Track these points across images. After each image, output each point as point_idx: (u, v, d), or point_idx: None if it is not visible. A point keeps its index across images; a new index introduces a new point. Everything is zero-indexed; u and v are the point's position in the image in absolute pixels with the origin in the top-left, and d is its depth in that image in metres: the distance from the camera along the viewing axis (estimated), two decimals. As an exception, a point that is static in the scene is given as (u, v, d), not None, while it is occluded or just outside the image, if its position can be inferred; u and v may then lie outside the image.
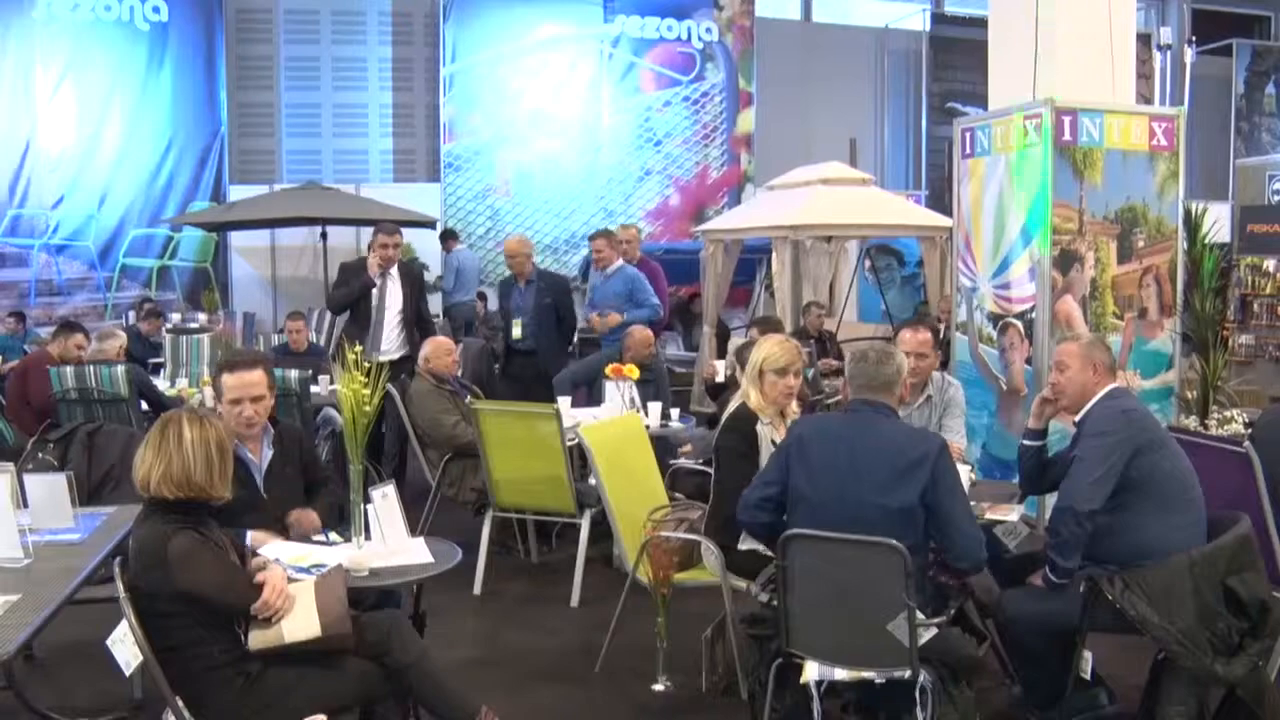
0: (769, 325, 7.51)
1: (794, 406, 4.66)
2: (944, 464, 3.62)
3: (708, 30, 16.21)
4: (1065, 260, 6.78)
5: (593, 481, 5.34)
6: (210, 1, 14.57)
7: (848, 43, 17.91)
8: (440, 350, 6.88)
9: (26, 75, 14.03)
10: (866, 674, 3.56)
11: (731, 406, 4.64)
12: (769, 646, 3.81)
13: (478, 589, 5.97)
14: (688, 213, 16.02)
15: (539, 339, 8.28)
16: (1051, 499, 4.17)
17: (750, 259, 11.37)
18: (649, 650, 4.72)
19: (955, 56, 17.59)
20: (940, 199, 14.69)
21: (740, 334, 10.91)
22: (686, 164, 16.25)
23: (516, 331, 8.35)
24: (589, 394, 7.50)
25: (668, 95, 16.15)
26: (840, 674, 3.58)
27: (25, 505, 3.97)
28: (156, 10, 14.39)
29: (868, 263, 12.94)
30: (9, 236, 14.00)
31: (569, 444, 5.79)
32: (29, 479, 4.10)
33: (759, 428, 4.48)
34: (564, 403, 6.60)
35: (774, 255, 9.93)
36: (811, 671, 3.60)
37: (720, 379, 7.76)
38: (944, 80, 18.00)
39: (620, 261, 8.62)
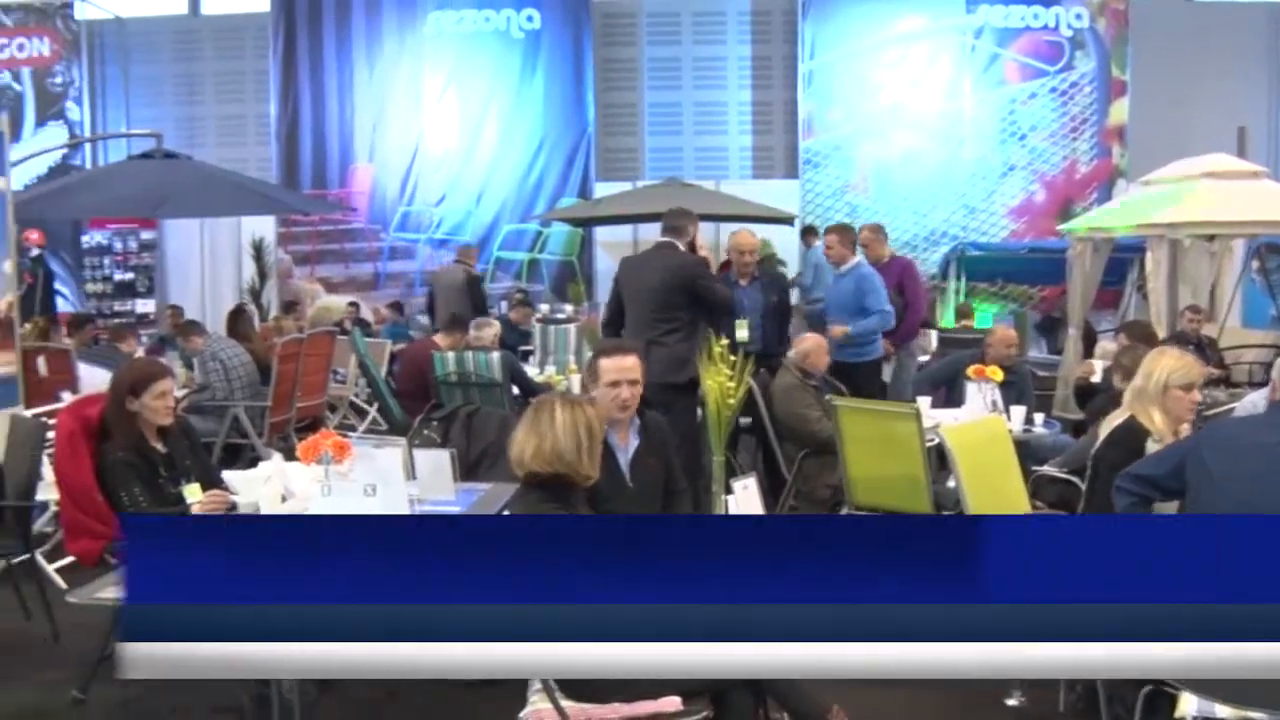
0: (1138, 331, 7.11)
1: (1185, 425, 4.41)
2: None
3: (1077, 16, 15.37)
4: None
5: (950, 484, 5.22)
6: (579, 8, 15.26)
7: (1236, 21, 16.46)
8: (819, 348, 6.97)
9: (416, 84, 15.32)
10: (1254, 715, 3.28)
11: (1117, 420, 4.41)
12: (1139, 671, 3.60)
13: (829, 586, 5.95)
14: (1053, 210, 15.26)
15: (767, 342, 7.51)
16: None
17: (1121, 259, 10.74)
18: (1006, 663, 4.57)
19: (1368, 32, 15.91)
20: (1344, 192, 13.33)
21: (1107, 337, 10.35)
22: (1053, 158, 15.49)
23: (743, 334, 7.22)
24: (948, 395, 7.30)
25: (1033, 87, 15.44)
26: (1222, 711, 3.32)
27: (414, 477, 4.33)
28: (530, 19, 15.23)
29: (1256, 263, 11.92)
30: (399, 231, 15.32)
31: (928, 445, 5.69)
32: (417, 454, 4.48)
33: (1149, 444, 4.24)
34: (923, 403, 6.49)
35: (1148, 255, 9.33)
36: (1189, 706, 3.35)
37: (1096, 378, 7.40)
38: (1352, 59, 16.33)
39: (857, 259, 7.98)
